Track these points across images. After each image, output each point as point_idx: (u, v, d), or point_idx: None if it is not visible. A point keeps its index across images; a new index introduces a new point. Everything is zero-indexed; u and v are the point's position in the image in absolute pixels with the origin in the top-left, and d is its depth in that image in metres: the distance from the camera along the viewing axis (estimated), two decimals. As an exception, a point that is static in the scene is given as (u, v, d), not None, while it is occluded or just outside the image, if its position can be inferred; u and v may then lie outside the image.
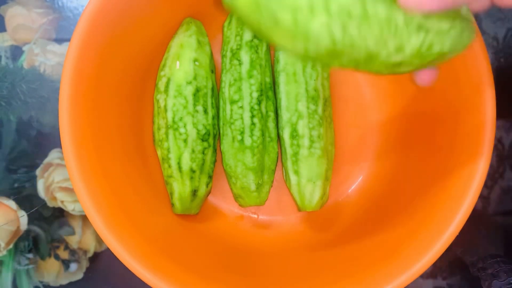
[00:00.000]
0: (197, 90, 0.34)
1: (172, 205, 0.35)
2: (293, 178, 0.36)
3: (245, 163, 0.35)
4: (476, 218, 0.41)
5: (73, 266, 0.40)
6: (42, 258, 0.40)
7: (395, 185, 0.37)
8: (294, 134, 0.35)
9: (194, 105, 0.34)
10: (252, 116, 0.35)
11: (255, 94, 0.35)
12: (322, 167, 0.35)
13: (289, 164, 0.36)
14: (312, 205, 0.36)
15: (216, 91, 0.36)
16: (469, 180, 0.30)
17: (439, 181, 0.32)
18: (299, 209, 0.37)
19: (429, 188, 0.33)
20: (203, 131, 0.34)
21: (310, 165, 0.35)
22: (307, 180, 0.35)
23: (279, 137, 0.37)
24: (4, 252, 0.40)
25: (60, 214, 0.40)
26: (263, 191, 0.36)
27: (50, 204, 0.40)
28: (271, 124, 0.36)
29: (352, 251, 0.34)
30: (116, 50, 0.32)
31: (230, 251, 0.35)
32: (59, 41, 0.41)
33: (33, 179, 0.40)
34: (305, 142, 0.35)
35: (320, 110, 0.35)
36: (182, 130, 0.34)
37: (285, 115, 0.35)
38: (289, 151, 0.36)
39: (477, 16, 0.41)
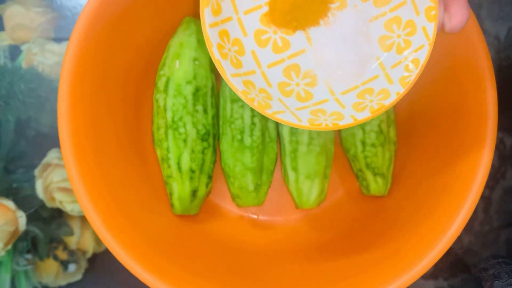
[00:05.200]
0: (197, 90, 0.34)
1: (172, 205, 0.35)
2: (291, 174, 0.36)
3: (244, 163, 0.35)
4: (477, 219, 0.41)
5: (72, 267, 0.40)
6: (41, 258, 0.40)
7: (397, 185, 0.36)
8: (293, 131, 0.35)
9: (194, 104, 0.34)
10: (253, 116, 0.35)
11: (255, 94, 0.35)
12: (321, 164, 0.35)
13: (287, 160, 0.36)
14: (310, 203, 0.36)
15: (216, 91, 0.36)
16: (471, 180, 0.30)
17: (440, 181, 0.32)
18: (296, 207, 0.37)
19: (430, 188, 0.32)
20: (203, 131, 0.34)
21: (308, 162, 0.35)
22: (305, 177, 0.35)
23: (278, 134, 0.37)
24: (3, 253, 0.40)
25: (58, 214, 0.40)
26: (261, 191, 0.36)
27: (49, 204, 0.40)
28: (271, 125, 0.36)
29: (352, 252, 0.34)
30: (115, 49, 0.32)
31: (230, 251, 0.35)
32: (57, 40, 0.41)
33: (31, 179, 0.40)
34: (304, 138, 0.35)
35: (320, 107, 0.35)
36: (181, 130, 0.33)
37: None
38: (288, 147, 0.36)
39: (478, 15, 0.41)
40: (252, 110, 0.35)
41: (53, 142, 0.40)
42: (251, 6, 0.26)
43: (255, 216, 0.39)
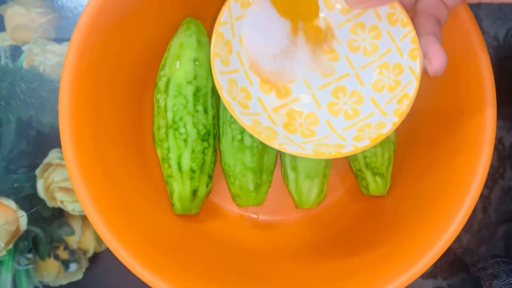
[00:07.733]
0: (197, 90, 0.34)
1: (172, 205, 0.35)
2: (291, 174, 0.36)
3: (244, 163, 0.35)
4: (476, 218, 0.41)
5: (73, 266, 0.40)
6: (42, 258, 0.40)
7: (396, 184, 0.36)
8: None
9: (194, 105, 0.34)
10: (253, 116, 0.35)
11: (255, 94, 0.35)
12: (321, 164, 0.36)
13: (287, 160, 0.36)
14: (309, 202, 0.36)
15: (216, 91, 0.36)
16: (469, 180, 0.30)
17: (439, 181, 0.32)
18: (296, 206, 0.37)
19: (429, 188, 0.32)
20: (203, 131, 0.34)
21: (308, 162, 0.35)
22: (304, 177, 0.36)
23: None
24: (4, 253, 0.40)
25: (59, 214, 0.40)
26: (261, 191, 0.36)
27: (50, 204, 0.40)
28: (271, 124, 0.36)
29: (352, 251, 0.34)
30: (116, 50, 0.32)
31: (230, 251, 0.35)
32: (58, 40, 0.41)
33: (32, 179, 0.40)
34: None
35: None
36: (182, 130, 0.33)
37: None
38: None
39: (477, 16, 0.41)
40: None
41: (54, 142, 0.40)
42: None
43: (255, 216, 0.39)
